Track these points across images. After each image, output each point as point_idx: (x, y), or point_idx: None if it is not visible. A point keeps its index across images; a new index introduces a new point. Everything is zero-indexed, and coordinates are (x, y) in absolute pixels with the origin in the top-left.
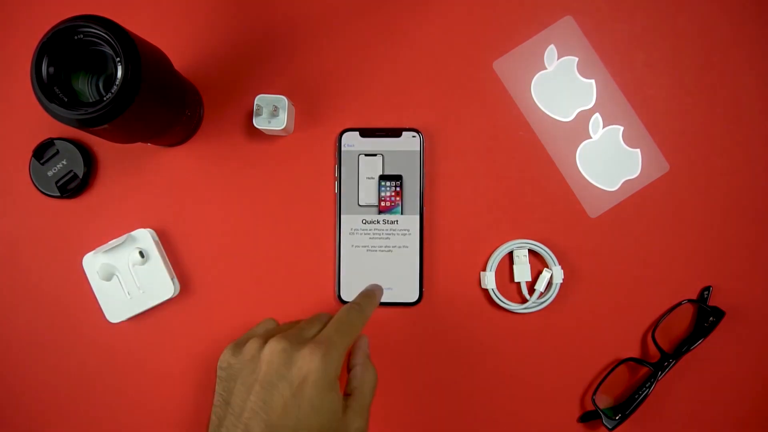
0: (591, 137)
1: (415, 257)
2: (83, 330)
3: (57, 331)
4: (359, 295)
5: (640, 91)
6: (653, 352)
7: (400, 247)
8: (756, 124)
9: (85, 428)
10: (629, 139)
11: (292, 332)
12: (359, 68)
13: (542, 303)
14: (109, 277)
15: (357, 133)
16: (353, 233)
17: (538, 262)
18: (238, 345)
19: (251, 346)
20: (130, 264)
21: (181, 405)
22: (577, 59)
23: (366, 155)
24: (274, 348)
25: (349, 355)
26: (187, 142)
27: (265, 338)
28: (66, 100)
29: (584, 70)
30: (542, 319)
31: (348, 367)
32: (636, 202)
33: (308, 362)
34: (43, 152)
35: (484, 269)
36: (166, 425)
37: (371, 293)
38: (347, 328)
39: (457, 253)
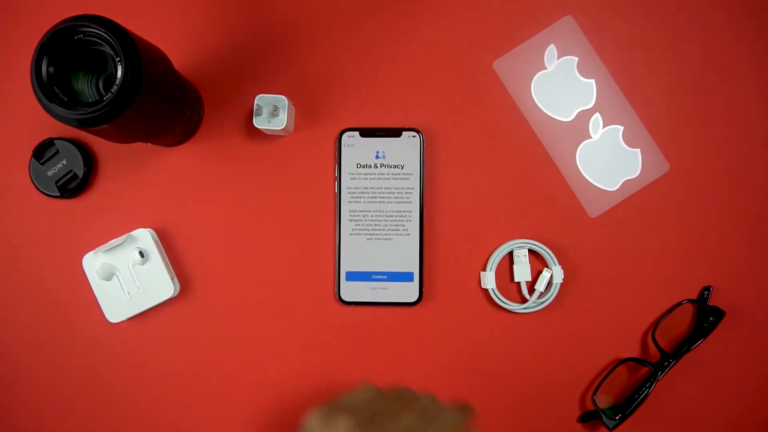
0: (591, 137)
1: (415, 257)
2: (83, 330)
3: (57, 331)
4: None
5: (640, 91)
6: (653, 352)
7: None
8: (756, 124)
9: (85, 428)
10: (629, 139)
11: (384, 420)
12: (359, 68)
13: (542, 303)
14: (109, 277)
15: (357, 133)
16: (353, 233)
17: (538, 262)
18: (330, 415)
19: (342, 426)
20: (130, 264)
21: (181, 405)
22: (577, 59)
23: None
24: None
25: None
26: (187, 142)
27: (357, 419)
28: (66, 100)
29: (584, 70)
30: (542, 319)
31: None
32: (636, 202)
33: None
34: (43, 152)
35: (484, 269)
36: (166, 425)
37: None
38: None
39: (457, 253)
